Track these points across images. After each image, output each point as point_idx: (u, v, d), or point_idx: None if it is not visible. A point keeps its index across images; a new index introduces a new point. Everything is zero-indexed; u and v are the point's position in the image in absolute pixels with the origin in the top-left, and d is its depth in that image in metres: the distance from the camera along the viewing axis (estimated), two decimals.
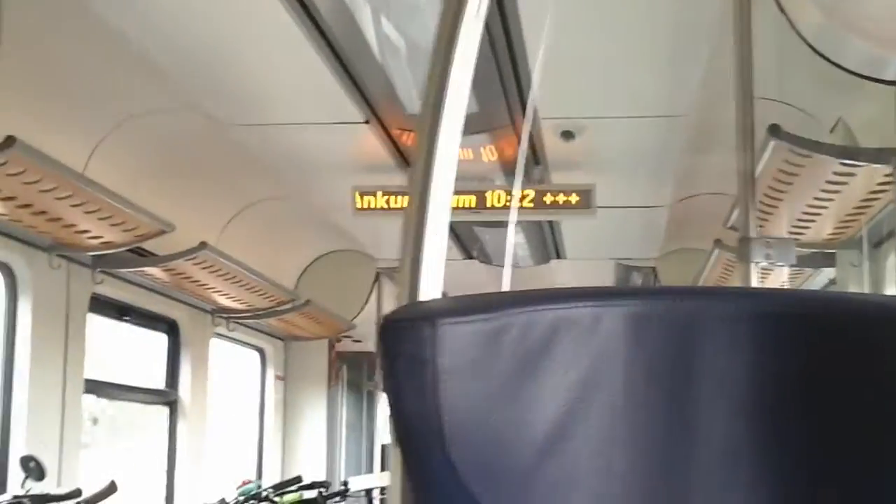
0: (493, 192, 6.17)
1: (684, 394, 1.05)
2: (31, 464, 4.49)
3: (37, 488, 4.53)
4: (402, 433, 1.05)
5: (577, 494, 1.03)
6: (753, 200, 3.01)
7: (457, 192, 6.50)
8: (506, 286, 3.02)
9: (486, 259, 8.65)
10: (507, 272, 3.19)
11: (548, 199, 6.24)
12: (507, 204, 6.10)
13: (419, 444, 1.04)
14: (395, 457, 1.20)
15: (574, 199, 6.09)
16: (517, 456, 1.03)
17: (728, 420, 1.05)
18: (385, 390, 1.05)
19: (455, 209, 6.40)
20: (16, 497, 4.42)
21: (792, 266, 3.24)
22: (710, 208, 7.03)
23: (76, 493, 4.54)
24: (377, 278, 9.48)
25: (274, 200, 7.41)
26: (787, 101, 4.61)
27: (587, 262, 8.59)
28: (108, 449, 6.87)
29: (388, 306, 9.67)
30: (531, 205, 6.23)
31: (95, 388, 6.14)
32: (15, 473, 4.88)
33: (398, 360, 1.04)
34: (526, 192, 6.26)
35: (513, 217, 6.12)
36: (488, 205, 6.16)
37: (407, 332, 1.03)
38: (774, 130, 3.83)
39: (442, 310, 1.04)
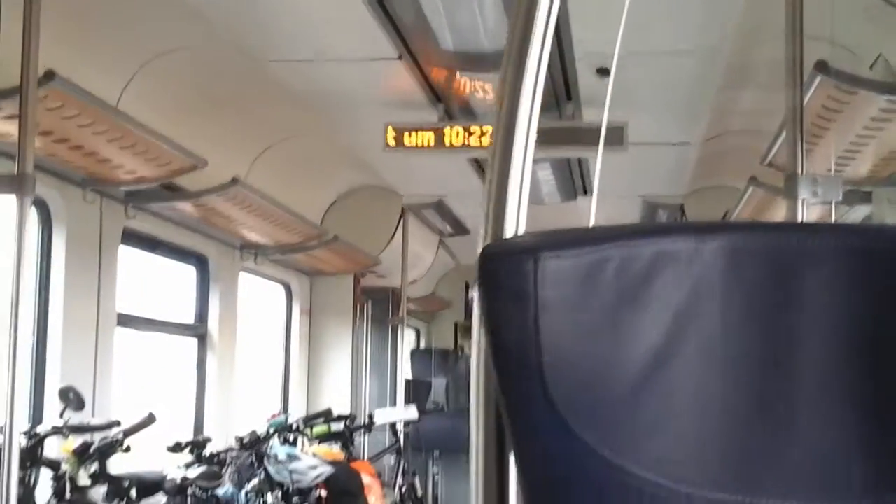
0: None
1: (781, 327, 1.05)
2: (71, 394, 4.55)
3: (75, 419, 4.59)
4: (501, 366, 1.06)
5: (675, 425, 1.04)
6: (801, 137, 2.99)
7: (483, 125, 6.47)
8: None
9: None
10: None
11: (578, 135, 6.22)
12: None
13: (518, 377, 1.05)
14: (479, 391, 1.21)
15: (605, 135, 6.05)
16: (615, 389, 1.04)
17: (825, 356, 1.05)
18: (484, 324, 1.06)
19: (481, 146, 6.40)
20: (55, 427, 4.49)
21: (837, 203, 3.23)
22: (741, 145, 6.99)
23: (114, 423, 4.60)
24: (403, 214, 9.50)
25: (302, 136, 7.40)
26: (827, 37, 4.56)
27: (615, 199, 8.56)
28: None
29: (413, 243, 9.73)
30: (560, 141, 6.21)
31: (127, 321, 6.19)
32: (52, 405, 4.96)
33: (499, 293, 1.04)
34: (555, 126, 6.24)
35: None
36: None
37: (508, 266, 1.04)
38: (821, 66, 3.78)
39: (544, 244, 1.04)
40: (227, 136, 6.63)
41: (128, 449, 4.54)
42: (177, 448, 5.65)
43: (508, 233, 1.24)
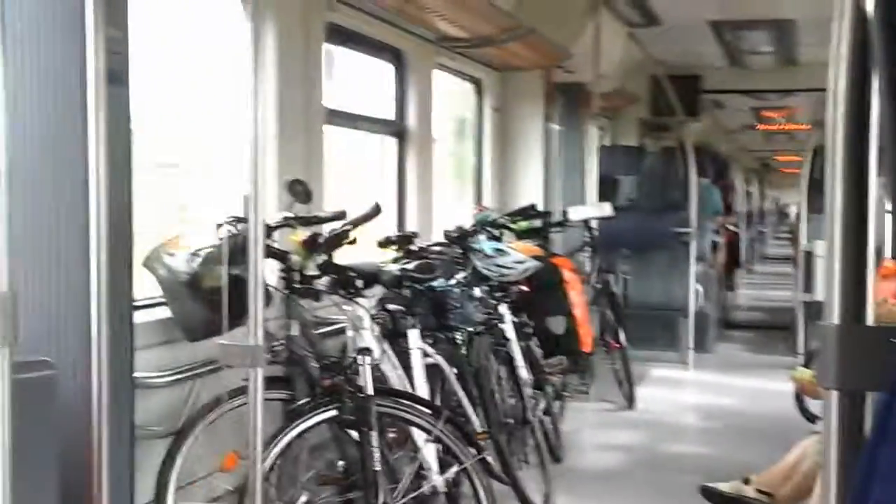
0: None
1: None
2: (298, 187, 4.57)
3: (301, 211, 4.63)
4: None
5: None
6: None
7: None
8: None
9: None
10: None
11: None
12: None
13: None
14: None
15: None
16: None
17: None
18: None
19: None
20: (286, 219, 4.53)
21: None
22: None
23: (341, 214, 4.62)
24: (595, 5, 9.14)
25: None
26: None
27: None
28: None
29: (606, 35, 9.36)
30: None
31: (334, 117, 6.17)
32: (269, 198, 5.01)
33: None
34: None
35: None
36: None
37: None
38: None
39: None
40: None
41: (353, 241, 4.57)
42: (386, 243, 5.71)
43: None
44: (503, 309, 6.18)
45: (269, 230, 4.39)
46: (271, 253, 4.42)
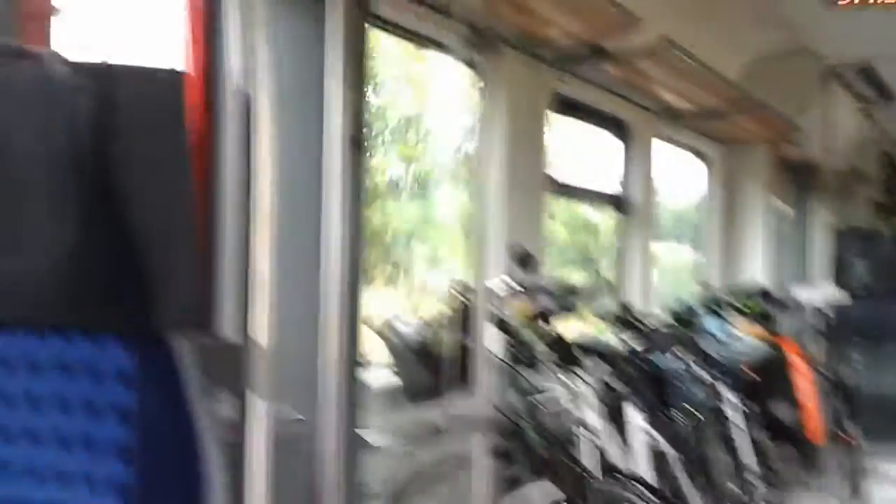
0: None
1: None
2: (524, 256, 4.53)
3: (525, 280, 4.58)
4: None
5: None
6: None
7: None
8: None
9: None
10: None
11: None
12: None
13: None
14: None
15: None
16: None
17: None
18: None
19: None
20: (510, 287, 4.49)
21: None
22: None
23: (566, 285, 4.55)
24: (823, 79, 8.80)
25: None
26: None
27: None
28: None
29: (837, 110, 8.99)
30: None
31: (555, 187, 6.12)
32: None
33: None
34: None
35: None
36: None
37: None
38: None
39: None
40: None
41: (577, 312, 4.48)
42: (608, 316, 5.58)
43: None
44: (728, 392, 5.91)
45: (494, 298, 4.36)
46: (495, 321, 4.38)
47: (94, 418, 1.55)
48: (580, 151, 7.18)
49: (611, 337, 5.26)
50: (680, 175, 8.81)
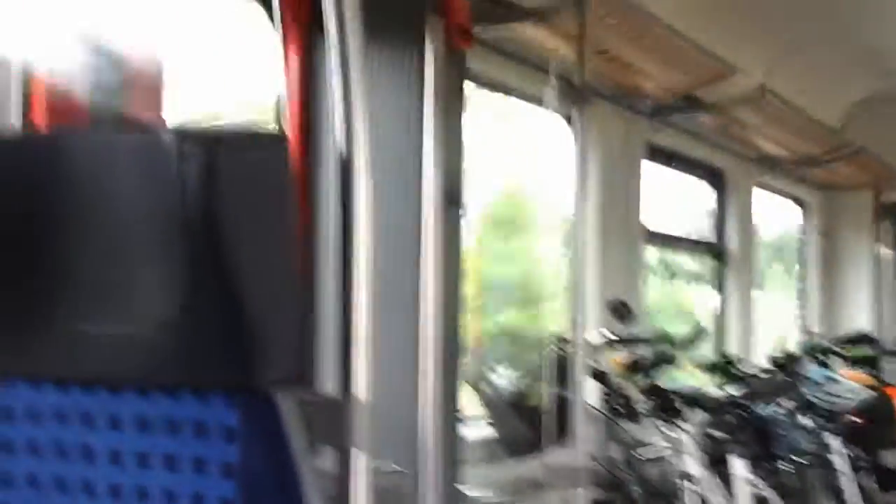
0: None
1: None
2: (621, 307, 4.52)
3: (623, 331, 4.56)
4: None
5: None
6: None
7: None
8: None
9: None
10: None
11: None
12: None
13: None
14: None
15: None
16: None
17: None
18: None
19: None
20: (608, 338, 4.48)
21: None
22: None
23: (664, 336, 4.52)
24: None
25: (815, 41, 6.81)
26: None
27: None
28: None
29: None
30: None
31: (651, 237, 6.09)
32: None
33: None
34: None
35: None
36: None
37: None
38: None
39: None
40: (735, 39, 6.21)
41: (676, 363, 4.44)
42: (709, 366, 5.51)
43: None
44: (833, 440, 5.77)
45: (592, 350, 4.34)
46: (593, 373, 4.36)
47: (201, 474, 1.59)
48: (672, 198, 7.13)
49: (711, 386, 5.19)
50: (772, 220, 8.69)
